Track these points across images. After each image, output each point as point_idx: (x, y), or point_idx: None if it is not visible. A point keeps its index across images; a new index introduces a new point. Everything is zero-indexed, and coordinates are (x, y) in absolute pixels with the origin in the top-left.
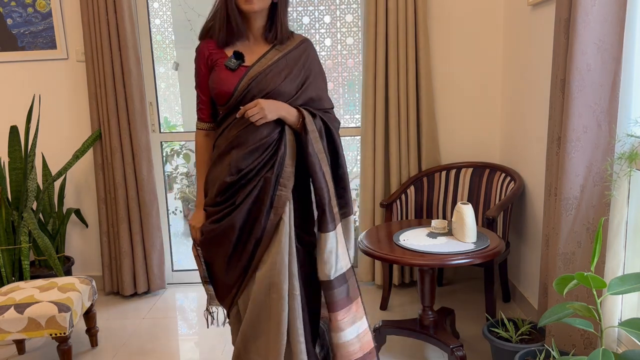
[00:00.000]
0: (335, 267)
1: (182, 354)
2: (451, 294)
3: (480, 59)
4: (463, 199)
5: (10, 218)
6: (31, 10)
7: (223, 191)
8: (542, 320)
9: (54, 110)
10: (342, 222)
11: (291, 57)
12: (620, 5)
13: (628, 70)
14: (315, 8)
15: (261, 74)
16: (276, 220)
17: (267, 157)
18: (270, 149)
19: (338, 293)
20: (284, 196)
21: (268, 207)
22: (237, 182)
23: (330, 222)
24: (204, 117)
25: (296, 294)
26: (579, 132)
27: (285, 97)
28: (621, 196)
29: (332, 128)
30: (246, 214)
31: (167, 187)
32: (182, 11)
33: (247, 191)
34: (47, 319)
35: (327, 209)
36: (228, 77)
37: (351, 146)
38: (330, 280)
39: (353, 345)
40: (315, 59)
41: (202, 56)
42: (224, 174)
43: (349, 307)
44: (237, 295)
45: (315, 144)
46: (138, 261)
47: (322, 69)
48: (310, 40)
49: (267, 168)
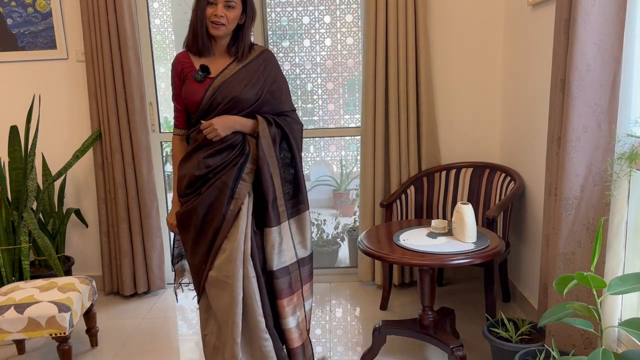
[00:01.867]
0: (279, 260)
1: (182, 354)
2: (451, 294)
3: (480, 59)
4: (463, 199)
5: (10, 218)
6: (31, 10)
7: (192, 183)
8: (542, 320)
9: (54, 110)
10: (296, 217)
11: (251, 67)
12: (620, 5)
13: (628, 70)
14: (315, 8)
15: (224, 84)
16: (236, 210)
17: (233, 156)
18: (236, 149)
19: (281, 283)
20: (244, 188)
21: (229, 197)
22: (205, 176)
23: (274, 218)
24: (179, 125)
25: (251, 277)
26: (579, 132)
27: (247, 102)
28: (621, 196)
29: (289, 134)
30: (209, 202)
31: (167, 187)
32: (182, 11)
33: (210, 183)
34: (47, 319)
35: (271, 206)
36: (196, 88)
37: (351, 146)
38: (273, 271)
39: (294, 333)
40: (274, 67)
41: (176, 72)
42: (193, 169)
43: (290, 297)
44: (202, 280)
45: (267, 149)
46: (138, 261)
47: (283, 75)
48: (270, 50)
49: (232, 165)
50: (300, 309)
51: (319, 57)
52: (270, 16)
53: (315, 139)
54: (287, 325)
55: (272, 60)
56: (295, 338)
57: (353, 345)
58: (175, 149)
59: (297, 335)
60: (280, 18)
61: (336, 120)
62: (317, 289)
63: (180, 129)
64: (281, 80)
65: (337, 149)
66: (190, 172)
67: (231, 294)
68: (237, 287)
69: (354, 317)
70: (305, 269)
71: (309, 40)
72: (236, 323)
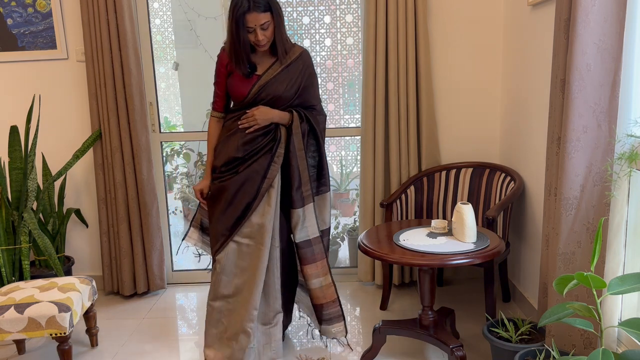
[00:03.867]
0: (301, 234)
1: (182, 354)
2: (451, 294)
3: (480, 59)
4: (463, 199)
5: (10, 218)
6: (31, 10)
7: (229, 162)
8: (542, 320)
9: (54, 110)
10: (319, 197)
11: (292, 68)
12: (620, 5)
13: (628, 70)
14: (315, 8)
15: (268, 83)
16: (267, 188)
17: (267, 141)
18: (270, 135)
19: (304, 252)
20: (275, 170)
21: (262, 177)
22: (242, 158)
23: (298, 202)
24: (218, 108)
25: (276, 246)
26: (579, 132)
27: (286, 100)
28: (621, 196)
29: (315, 126)
30: (243, 180)
31: (167, 187)
32: (182, 11)
33: (247, 164)
34: (47, 319)
35: (295, 192)
36: (243, 83)
37: (351, 146)
38: (297, 242)
39: (318, 292)
40: (310, 67)
41: (223, 63)
42: (232, 150)
43: (314, 264)
44: (222, 246)
45: (297, 144)
46: (138, 261)
47: (315, 72)
48: (307, 51)
49: (266, 149)
50: (324, 275)
51: (319, 57)
52: None
53: None
54: (311, 286)
55: (308, 61)
56: (318, 297)
57: (353, 346)
58: (212, 129)
59: (320, 295)
60: None
61: (336, 120)
62: None
63: (218, 112)
64: (314, 78)
65: (337, 149)
66: (229, 153)
67: (259, 258)
68: (265, 253)
69: (354, 317)
70: (326, 239)
71: (309, 40)
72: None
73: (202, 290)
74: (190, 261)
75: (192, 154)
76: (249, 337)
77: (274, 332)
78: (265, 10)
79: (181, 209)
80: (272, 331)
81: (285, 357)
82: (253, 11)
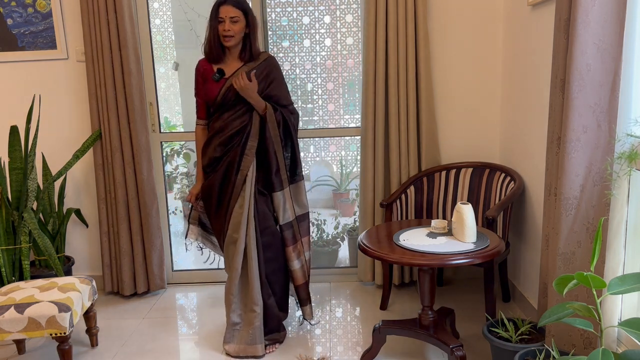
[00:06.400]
0: (284, 216)
1: (182, 354)
2: (451, 294)
3: (480, 59)
4: (463, 199)
5: (10, 218)
6: (31, 10)
7: (211, 163)
8: (542, 320)
9: (54, 110)
10: (293, 185)
11: (257, 71)
12: (620, 5)
13: (628, 70)
14: (315, 8)
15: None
16: (242, 179)
17: (239, 139)
18: (243, 133)
19: (287, 234)
20: (248, 162)
21: (236, 170)
22: (220, 157)
23: (277, 185)
24: (201, 116)
25: (252, 236)
26: (579, 132)
27: None
28: (621, 196)
29: (289, 120)
30: (222, 175)
31: (167, 187)
32: (182, 11)
33: (223, 161)
34: (47, 319)
35: (274, 175)
36: (213, 86)
37: (351, 146)
38: (281, 224)
39: (298, 273)
40: (276, 70)
41: (199, 72)
42: (211, 151)
43: (295, 245)
44: (224, 239)
45: (272, 130)
46: (138, 261)
47: (282, 76)
48: (273, 56)
49: (237, 145)
50: (302, 256)
51: (319, 57)
52: (270, 16)
53: (315, 139)
54: (293, 267)
55: (274, 64)
56: (299, 277)
57: (353, 345)
58: (198, 136)
59: (300, 275)
60: (280, 18)
61: (336, 120)
62: (317, 288)
63: (202, 120)
64: (280, 81)
65: (337, 149)
66: (209, 154)
67: (237, 248)
68: (240, 243)
69: (354, 317)
70: (303, 224)
71: (309, 40)
72: (237, 269)
73: (202, 290)
74: (191, 261)
75: (192, 154)
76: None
77: (251, 318)
78: (238, 7)
79: (181, 209)
80: (251, 317)
81: (286, 357)
82: (227, 4)
